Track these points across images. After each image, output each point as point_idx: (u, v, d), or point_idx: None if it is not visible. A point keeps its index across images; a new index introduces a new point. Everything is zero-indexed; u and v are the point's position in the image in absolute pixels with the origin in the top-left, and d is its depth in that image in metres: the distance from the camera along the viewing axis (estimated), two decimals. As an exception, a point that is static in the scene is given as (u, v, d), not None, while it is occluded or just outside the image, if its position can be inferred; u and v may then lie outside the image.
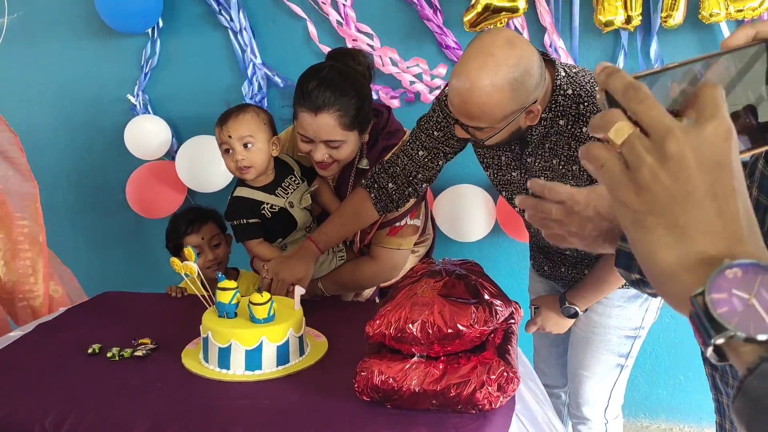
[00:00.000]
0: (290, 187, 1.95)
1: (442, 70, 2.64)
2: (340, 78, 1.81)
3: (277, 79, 2.78)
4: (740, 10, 2.30)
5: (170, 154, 2.93)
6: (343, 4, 2.66)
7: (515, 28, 2.53)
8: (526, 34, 2.53)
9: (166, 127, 2.88)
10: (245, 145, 1.85)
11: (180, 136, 2.93)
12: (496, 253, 2.80)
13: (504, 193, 1.85)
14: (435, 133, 1.78)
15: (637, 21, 2.40)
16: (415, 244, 2.06)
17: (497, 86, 1.44)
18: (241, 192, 1.93)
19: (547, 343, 2.05)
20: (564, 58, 2.53)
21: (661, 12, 2.38)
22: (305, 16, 2.69)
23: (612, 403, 1.92)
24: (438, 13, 2.60)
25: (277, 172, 1.95)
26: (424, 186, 1.87)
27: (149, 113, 2.92)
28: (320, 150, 1.83)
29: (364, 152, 1.94)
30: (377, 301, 2.13)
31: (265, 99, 2.81)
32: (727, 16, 2.32)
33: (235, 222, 1.93)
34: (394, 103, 2.68)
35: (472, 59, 1.46)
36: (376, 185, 1.85)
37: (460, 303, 1.33)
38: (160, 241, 2.20)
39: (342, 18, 2.68)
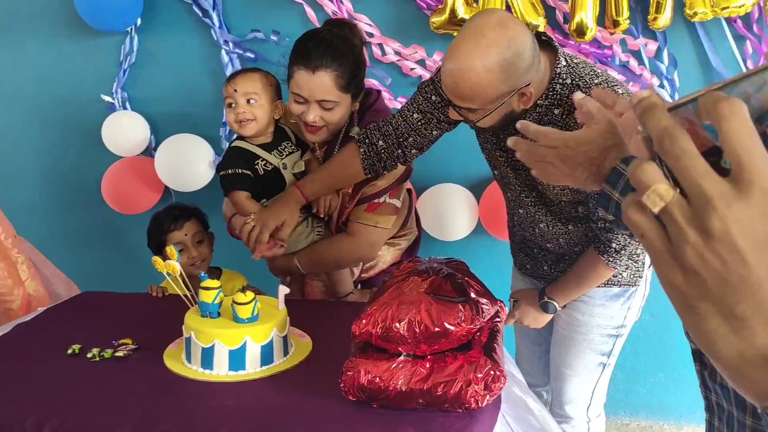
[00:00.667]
0: (286, 150, 1.96)
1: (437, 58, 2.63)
2: (339, 40, 1.82)
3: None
4: (725, 8, 2.32)
5: (148, 151, 2.90)
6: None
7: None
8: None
9: (145, 124, 2.85)
10: (248, 101, 1.86)
11: (158, 133, 2.89)
12: (480, 251, 2.80)
13: (499, 170, 1.82)
14: (433, 97, 1.76)
15: (624, 25, 2.41)
16: (397, 237, 2.04)
17: (488, 67, 1.44)
18: (239, 143, 1.93)
19: (529, 342, 2.05)
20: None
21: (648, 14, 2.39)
22: (301, 1, 2.65)
23: (594, 401, 1.93)
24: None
25: (276, 135, 1.96)
26: (413, 152, 1.84)
27: (127, 109, 2.88)
28: (313, 110, 1.82)
29: (354, 120, 1.93)
30: (358, 288, 2.11)
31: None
32: (713, 14, 2.34)
33: (229, 171, 1.91)
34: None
35: (464, 41, 1.48)
36: (367, 140, 1.83)
37: (446, 301, 1.32)
38: (140, 239, 2.17)
39: (336, 8, 2.65)
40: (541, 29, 2.40)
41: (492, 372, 1.29)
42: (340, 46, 1.81)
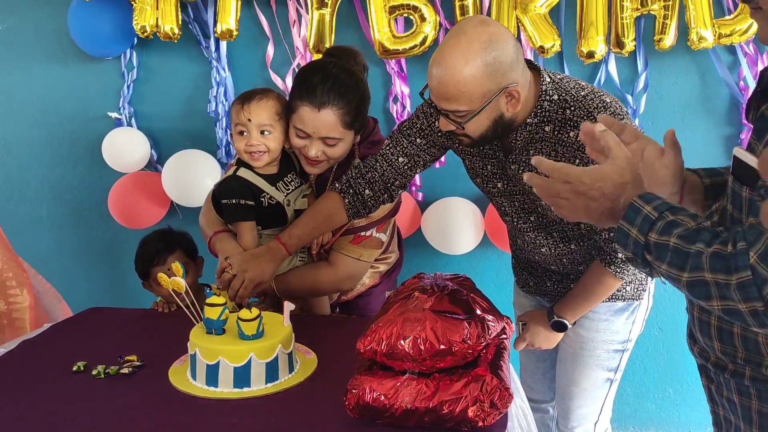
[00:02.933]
0: (291, 183, 1.91)
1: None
2: (346, 75, 1.79)
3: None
4: (728, 36, 2.33)
5: (152, 165, 2.91)
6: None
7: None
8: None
9: (144, 139, 2.86)
10: (262, 132, 1.80)
11: (160, 148, 2.91)
12: (485, 265, 2.79)
13: (493, 200, 1.83)
14: (418, 140, 1.76)
15: (630, 47, 2.41)
16: (377, 260, 2.00)
17: (470, 62, 1.45)
18: (245, 174, 1.85)
19: (534, 358, 2.03)
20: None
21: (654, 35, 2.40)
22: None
23: (602, 417, 1.91)
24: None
25: (281, 165, 1.90)
26: (399, 192, 1.85)
27: (133, 126, 2.90)
28: (316, 146, 1.79)
29: (356, 153, 1.91)
30: (336, 311, 2.08)
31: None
32: (715, 42, 2.35)
33: (233, 201, 1.83)
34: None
35: (446, 42, 1.50)
36: (351, 191, 1.81)
37: (452, 319, 1.32)
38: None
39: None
40: (555, 50, 2.42)
41: (498, 390, 1.28)
42: (346, 82, 1.77)
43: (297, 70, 2.67)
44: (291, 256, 1.92)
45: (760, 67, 2.43)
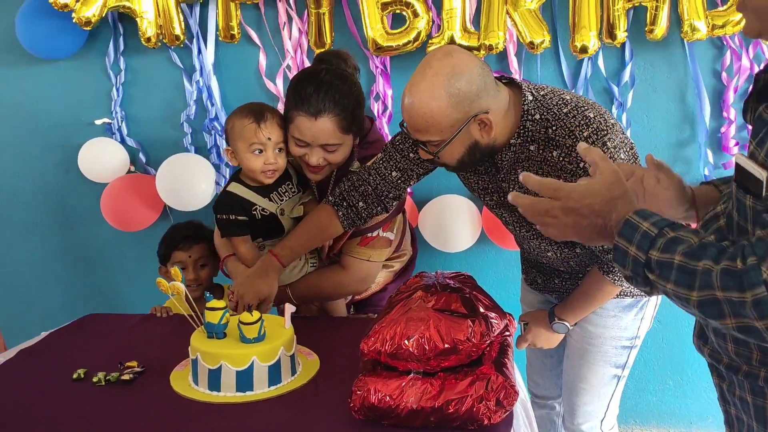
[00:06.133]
0: (286, 194, 1.92)
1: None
2: (339, 80, 1.79)
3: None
4: (721, 27, 2.32)
5: (139, 167, 2.90)
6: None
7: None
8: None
9: (121, 149, 2.85)
10: (277, 150, 1.83)
11: (148, 152, 2.89)
12: (483, 262, 2.78)
13: (493, 211, 1.83)
14: (411, 155, 1.77)
15: (622, 38, 2.40)
16: (390, 258, 2.02)
17: (434, 95, 1.48)
18: (235, 189, 1.89)
19: (540, 354, 2.02)
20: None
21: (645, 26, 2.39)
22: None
23: (609, 414, 1.90)
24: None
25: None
26: (394, 203, 1.87)
27: (124, 131, 2.89)
28: (316, 154, 1.80)
29: (354, 156, 1.91)
30: (351, 310, 2.10)
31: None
32: (708, 33, 2.34)
33: (224, 216, 1.88)
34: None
35: (414, 76, 1.53)
36: (345, 203, 1.83)
37: (455, 317, 1.31)
38: (141, 258, 2.17)
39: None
40: (545, 46, 2.41)
41: (504, 388, 1.28)
42: (340, 87, 1.77)
43: (287, 72, 2.68)
44: (302, 263, 1.95)
45: (744, 60, 2.43)
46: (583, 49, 2.41)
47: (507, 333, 1.45)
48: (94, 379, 1.57)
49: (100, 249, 3.06)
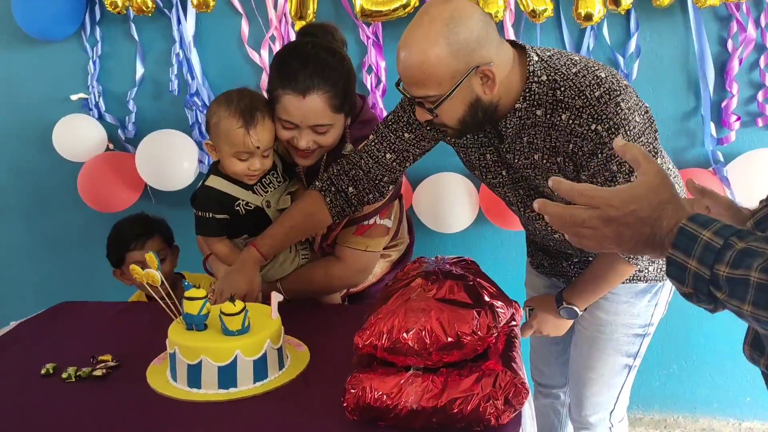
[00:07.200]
0: (271, 185, 1.76)
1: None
2: (327, 54, 1.64)
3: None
4: None
5: (118, 144, 2.77)
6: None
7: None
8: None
9: (98, 126, 2.72)
10: (265, 155, 1.68)
11: (127, 129, 2.75)
12: (482, 243, 2.67)
13: (496, 191, 1.70)
14: (406, 134, 1.64)
15: (627, 4, 2.27)
16: (387, 247, 1.89)
17: (432, 41, 1.35)
18: (215, 183, 1.72)
19: (545, 341, 1.90)
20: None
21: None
22: None
23: (618, 406, 1.79)
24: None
25: None
26: (390, 188, 1.73)
27: (101, 108, 2.75)
28: (305, 136, 1.66)
29: (347, 138, 1.77)
30: (346, 303, 1.96)
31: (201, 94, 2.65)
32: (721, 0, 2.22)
33: (199, 213, 1.73)
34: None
35: (410, 25, 1.40)
36: (333, 188, 1.69)
37: (459, 308, 1.19)
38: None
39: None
40: (548, 14, 2.29)
41: (514, 386, 1.16)
42: (329, 62, 1.63)
43: (271, 44, 2.53)
44: (293, 256, 1.82)
45: (750, 30, 2.31)
46: (588, 17, 2.28)
47: (513, 323, 1.34)
48: (64, 375, 1.45)
49: (77, 232, 2.94)
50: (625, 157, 0.92)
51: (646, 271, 1.63)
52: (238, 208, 1.72)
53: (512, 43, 1.48)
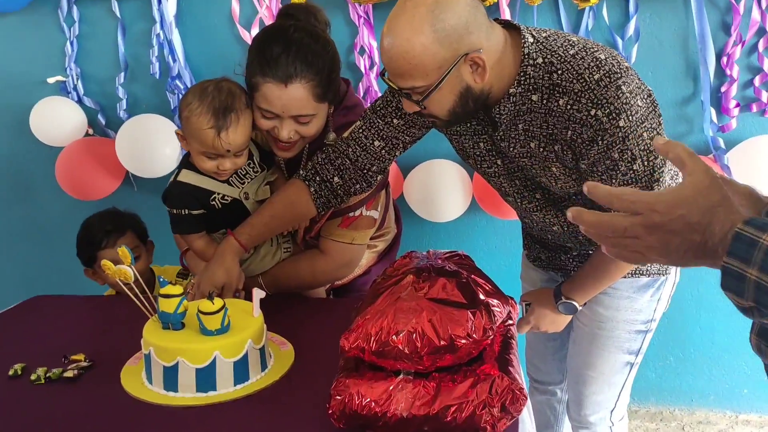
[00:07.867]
0: (247, 175, 1.67)
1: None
2: (311, 39, 1.53)
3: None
4: None
5: (98, 129, 2.67)
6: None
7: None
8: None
9: (78, 109, 2.62)
10: (236, 155, 1.58)
11: (107, 113, 2.66)
12: (474, 233, 2.59)
13: (491, 182, 1.62)
14: (395, 120, 1.55)
15: None
16: (373, 237, 1.81)
17: (417, 29, 1.26)
18: (187, 177, 1.62)
19: (542, 337, 1.83)
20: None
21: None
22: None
23: (619, 404, 1.72)
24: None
25: None
26: (378, 178, 1.65)
27: (81, 89, 2.64)
28: (287, 127, 1.56)
29: (330, 126, 1.67)
30: (330, 296, 1.88)
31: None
32: None
33: (174, 211, 1.63)
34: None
35: (393, 11, 1.31)
36: (318, 178, 1.61)
37: (453, 308, 1.10)
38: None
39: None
40: None
41: (511, 391, 1.08)
42: (312, 47, 1.52)
43: (264, 22, 2.42)
44: (274, 250, 1.73)
45: (755, 14, 2.22)
46: None
47: (510, 321, 1.26)
48: (33, 377, 1.37)
49: (56, 220, 2.84)
50: (667, 157, 0.82)
51: (649, 264, 1.55)
52: (213, 202, 1.63)
53: (506, 23, 1.39)
